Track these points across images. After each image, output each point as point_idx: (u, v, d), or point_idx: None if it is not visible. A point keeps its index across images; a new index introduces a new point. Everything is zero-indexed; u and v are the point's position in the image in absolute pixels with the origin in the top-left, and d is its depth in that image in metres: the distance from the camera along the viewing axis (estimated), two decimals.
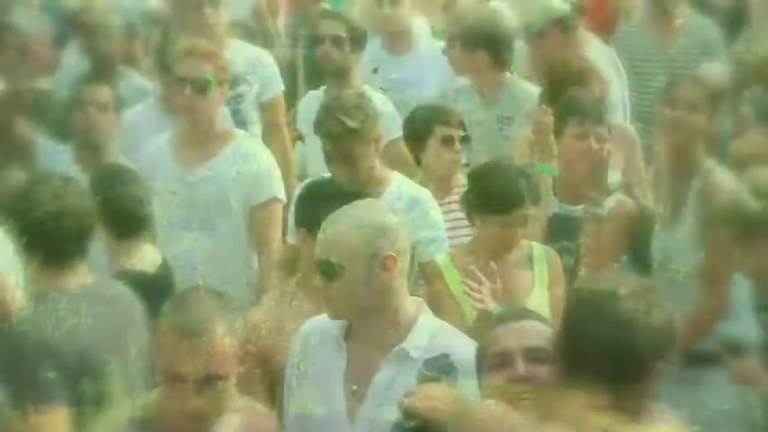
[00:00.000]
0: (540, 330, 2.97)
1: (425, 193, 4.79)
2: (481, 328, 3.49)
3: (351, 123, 4.58)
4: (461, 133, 5.18)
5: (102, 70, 6.40)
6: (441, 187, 5.09)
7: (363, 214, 3.28)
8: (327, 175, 4.66)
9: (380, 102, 5.80)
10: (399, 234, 3.27)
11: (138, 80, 6.70)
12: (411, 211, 4.61)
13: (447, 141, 5.11)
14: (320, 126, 4.67)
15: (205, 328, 2.87)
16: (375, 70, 6.40)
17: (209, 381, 2.87)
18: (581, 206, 4.89)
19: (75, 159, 5.44)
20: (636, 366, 2.53)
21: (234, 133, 5.28)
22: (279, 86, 6.41)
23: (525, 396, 2.84)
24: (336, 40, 5.80)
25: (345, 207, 3.40)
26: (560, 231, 4.84)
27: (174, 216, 5.13)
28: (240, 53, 6.15)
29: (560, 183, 4.98)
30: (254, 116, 6.05)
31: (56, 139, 5.66)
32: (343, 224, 3.25)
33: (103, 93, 5.48)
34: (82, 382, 3.58)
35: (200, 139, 5.18)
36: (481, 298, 4.02)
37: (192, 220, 5.14)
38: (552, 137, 4.92)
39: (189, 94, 5.02)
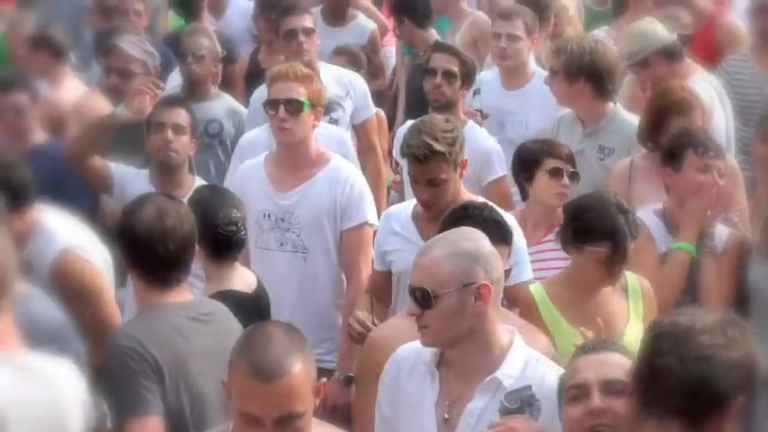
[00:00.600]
0: (619, 363, 2.99)
1: (508, 218, 4.79)
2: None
3: (438, 147, 4.57)
4: (570, 168, 5.18)
5: (194, 92, 6.51)
6: (545, 220, 5.09)
7: (458, 242, 3.28)
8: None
9: (484, 138, 5.87)
10: (494, 263, 3.27)
11: (233, 103, 6.80)
12: None
13: (555, 174, 5.12)
14: (407, 147, 4.67)
15: (282, 370, 2.82)
16: (477, 91, 6.38)
17: (286, 420, 2.83)
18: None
19: (152, 182, 5.52)
20: (713, 401, 2.52)
21: (328, 156, 5.31)
22: (371, 109, 6.56)
23: (601, 429, 2.87)
24: (448, 74, 5.82)
25: (441, 234, 3.42)
26: None
27: (267, 238, 5.20)
28: (333, 77, 6.23)
29: (673, 216, 4.92)
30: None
31: (133, 163, 5.77)
32: (437, 252, 3.26)
33: (180, 115, 5.51)
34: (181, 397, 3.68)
35: (294, 161, 5.23)
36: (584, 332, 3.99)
37: (285, 243, 5.20)
38: None
39: (282, 117, 5.08)
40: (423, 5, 7.32)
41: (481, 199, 4.77)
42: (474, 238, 3.32)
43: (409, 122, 5.98)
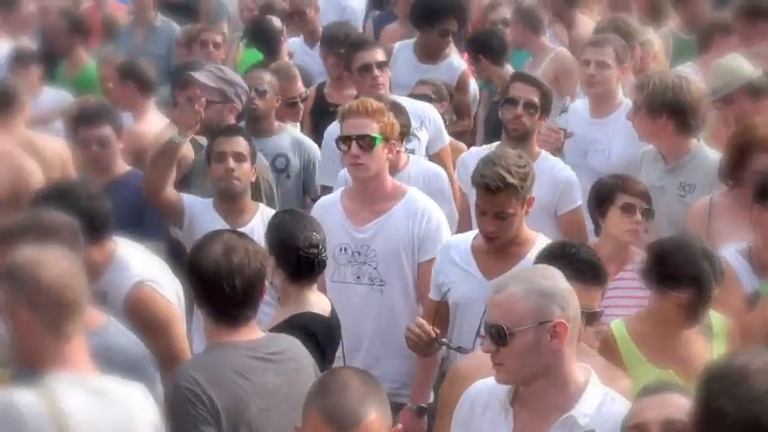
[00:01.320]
0: (680, 404, 3.00)
1: None
2: None
3: (511, 179, 4.56)
4: (644, 205, 5.11)
5: (258, 128, 6.51)
6: (617, 256, 5.03)
7: (535, 279, 3.27)
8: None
9: (561, 167, 5.85)
10: (570, 300, 3.24)
11: (297, 134, 6.84)
12: None
13: (627, 210, 5.06)
14: (480, 177, 4.64)
15: (358, 418, 2.79)
16: (565, 110, 6.34)
17: None
18: None
19: (217, 210, 5.58)
20: None
21: (404, 189, 5.31)
22: (446, 139, 6.61)
23: None
24: (529, 105, 5.80)
25: (517, 272, 3.39)
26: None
27: (344, 272, 5.21)
28: (408, 109, 6.24)
29: (760, 256, 4.83)
30: None
31: (198, 192, 5.85)
32: (514, 289, 3.24)
33: (240, 143, 5.56)
34: None
35: (370, 195, 5.24)
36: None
37: (362, 276, 5.21)
38: None
39: (355, 152, 5.10)
40: (497, 43, 7.32)
41: (543, 238, 4.77)
42: (551, 276, 3.30)
43: (474, 150, 5.98)
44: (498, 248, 4.59)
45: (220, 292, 3.72)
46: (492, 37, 7.36)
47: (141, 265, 4.59)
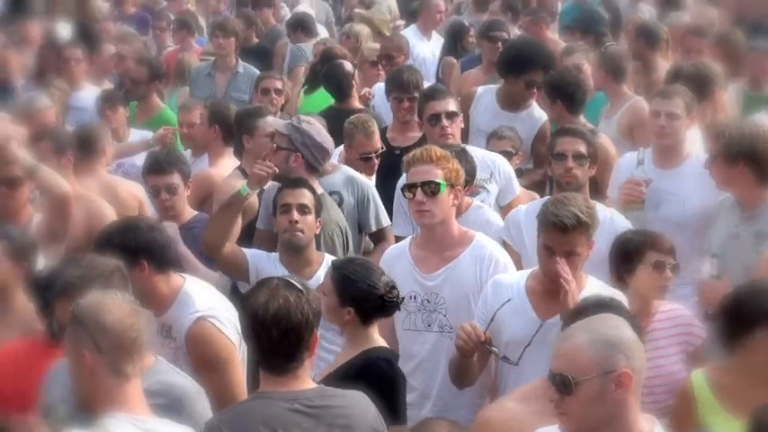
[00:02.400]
0: None
1: (619, 296, 4.71)
2: None
3: (584, 217, 4.58)
4: (673, 261, 5.07)
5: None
6: (645, 310, 4.97)
7: (600, 328, 3.25)
8: None
9: (621, 219, 5.81)
10: (635, 350, 3.22)
11: (349, 171, 6.76)
12: None
13: (658, 267, 5.02)
14: (551, 216, 4.63)
15: None
16: (641, 161, 6.26)
17: None
18: None
19: (282, 262, 5.60)
20: None
21: (471, 235, 5.29)
22: (516, 190, 6.58)
23: None
24: (578, 156, 5.78)
25: (582, 321, 3.37)
26: None
27: (414, 319, 5.20)
28: (478, 159, 6.23)
29: None
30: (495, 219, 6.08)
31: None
32: (578, 338, 3.22)
33: (305, 196, 5.60)
34: None
35: (437, 242, 5.22)
36: None
37: (432, 323, 5.18)
38: None
39: (420, 199, 5.10)
40: (580, 93, 7.26)
41: (594, 281, 4.78)
42: (615, 325, 3.28)
43: (523, 207, 5.94)
44: (556, 290, 4.57)
45: (259, 340, 3.73)
46: (575, 86, 7.29)
47: (206, 301, 4.66)
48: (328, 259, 5.52)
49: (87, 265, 4.13)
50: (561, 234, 4.59)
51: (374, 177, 7.05)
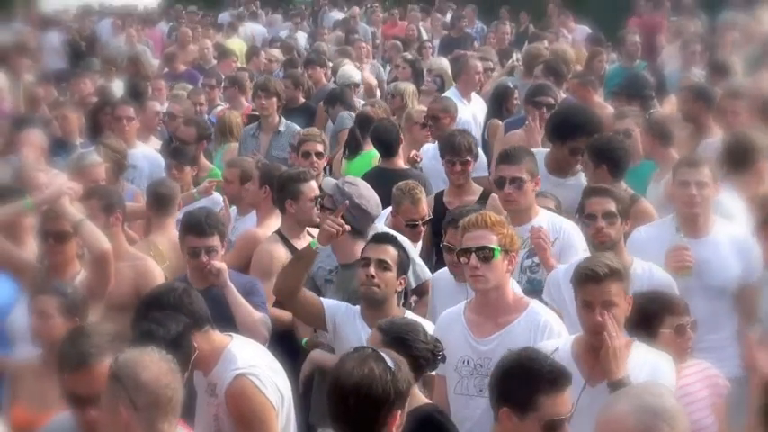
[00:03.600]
0: None
1: (666, 358, 4.76)
2: None
3: (615, 265, 4.68)
4: (690, 318, 5.09)
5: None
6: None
7: (642, 396, 3.23)
8: None
9: (661, 273, 5.79)
10: (679, 418, 3.19)
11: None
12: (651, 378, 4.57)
13: (680, 331, 5.04)
14: (583, 269, 4.71)
15: None
16: (678, 229, 6.25)
17: None
18: None
19: (362, 316, 5.58)
20: None
21: (526, 302, 5.30)
22: (579, 255, 6.48)
23: None
24: (608, 215, 5.80)
25: (625, 389, 3.37)
26: None
27: (467, 384, 5.19)
28: (545, 222, 6.26)
29: None
30: None
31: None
32: (621, 407, 3.21)
33: (387, 251, 5.58)
34: None
35: (492, 308, 5.22)
36: None
37: (484, 388, 5.08)
38: None
39: (474, 264, 5.12)
40: (625, 158, 7.25)
41: (640, 344, 4.76)
42: (658, 394, 3.26)
43: (562, 267, 5.93)
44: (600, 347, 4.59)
45: (336, 407, 3.72)
46: (621, 151, 7.28)
47: (248, 359, 4.70)
48: (410, 316, 5.49)
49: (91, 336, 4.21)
50: (595, 284, 4.64)
51: (420, 244, 7.09)
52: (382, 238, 5.74)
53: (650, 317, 5.05)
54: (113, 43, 20.03)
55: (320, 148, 8.26)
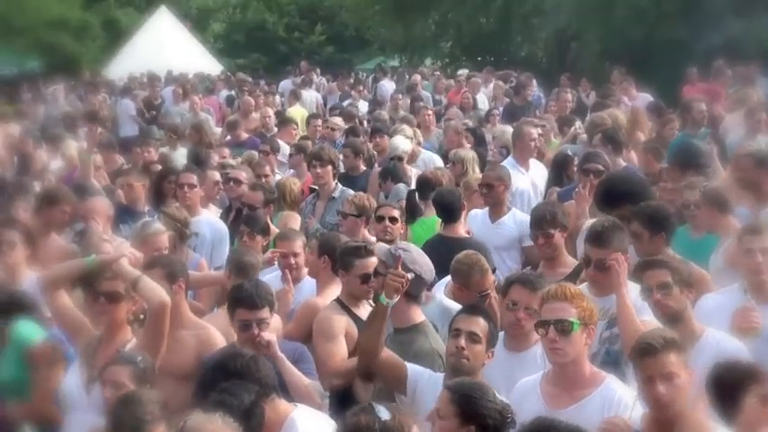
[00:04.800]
0: None
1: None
2: None
3: (670, 335, 4.68)
4: None
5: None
6: None
7: None
8: None
9: (730, 341, 5.72)
10: None
11: (447, 302, 6.85)
12: None
13: (766, 401, 4.88)
14: (641, 343, 4.71)
15: None
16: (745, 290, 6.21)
17: None
18: None
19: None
20: None
21: (603, 376, 5.27)
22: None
23: None
24: (664, 286, 5.77)
25: None
26: None
27: None
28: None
29: None
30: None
31: None
32: None
33: (478, 324, 5.56)
34: None
35: (568, 380, 5.20)
36: None
37: None
38: None
39: (552, 337, 5.12)
40: (676, 226, 7.23)
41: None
42: None
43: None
44: (669, 425, 4.55)
45: None
46: (674, 218, 7.24)
47: (311, 428, 4.72)
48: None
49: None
50: (653, 357, 4.61)
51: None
52: (473, 310, 5.73)
53: (731, 387, 4.91)
54: (175, 111, 20.39)
55: (395, 213, 8.27)
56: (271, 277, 7.41)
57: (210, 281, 8.01)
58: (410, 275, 5.84)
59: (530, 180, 10.62)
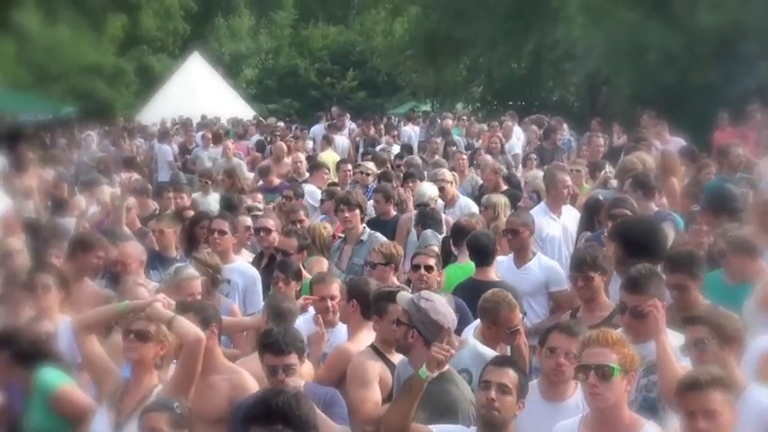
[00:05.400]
0: None
1: None
2: None
3: (717, 372, 4.73)
4: None
5: None
6: None
7: None
8: None
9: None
10: None
11: (480, 347, 6.74)
12: None
13: None
14: (688, 379, 4.76)
15: None
16: None
17: None
18: None
19: None
20: None
21: (642, 422, 5.23)
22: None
23: None
24: (700, 343, 5.67)
25: None
26: None
27: None
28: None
29: None
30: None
31: None
32: None
33: (508, 376, 5.50)
34: None
35: (608, 426, 5.17)
36: None
37: None
38: None
39: (593, 382, 5.09)
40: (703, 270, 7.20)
41: None
42: None
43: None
44: None
45: None
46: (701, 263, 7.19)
47: None
48: None
49: None
50: (697, 392, 4.61)
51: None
52: (503, 361, 5.71)
53: None
54: (206, 156, 20.54)
55: (431, 261, 8.19)
56: (303, 321, 7.41)
57: (243, 326, 8.02)
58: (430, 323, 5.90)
59: (561, 226, 10.59)
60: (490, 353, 6.59)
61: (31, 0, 39.75)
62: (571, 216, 10.87)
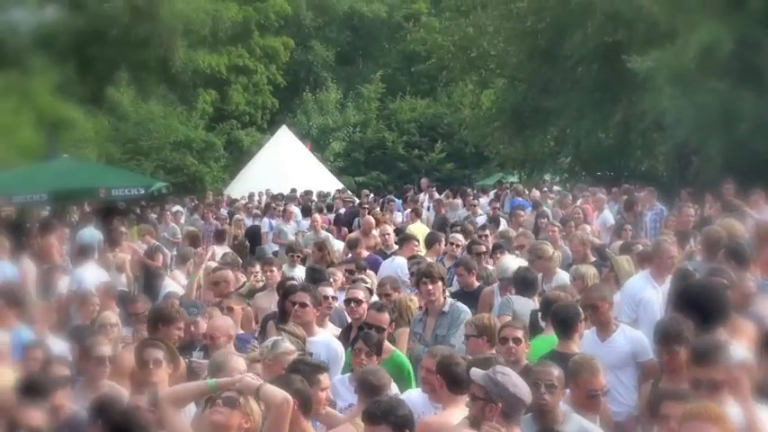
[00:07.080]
0: None
1: None
2: None
3: None
4: None
5: (545, 420, 6.58)
6: None
7: None
8: None
9: None
10: None
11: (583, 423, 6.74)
12: None
13: None
14: None
15: None
16: None
17: None
18: None
19: None
20: None
21: None
22: None
23: None
24: (711, 384, 5.77)
25: None
26: None
27: None
28: None
29: None
30: None
31: None
32: None
33: None
34: None
35: None
36: None
37: None
38: None
39: None
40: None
41: None
42: None
43: None
44: None
45: None
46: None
47: None
48: None
49: None
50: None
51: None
52: None
53: None
54: (288, 229, 20.77)
55: (518, 333, 8.17)
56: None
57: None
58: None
59: (661, 294, 10.41)
60: (596, 429, 6.55)
61: (125, 77, 40.79)
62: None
